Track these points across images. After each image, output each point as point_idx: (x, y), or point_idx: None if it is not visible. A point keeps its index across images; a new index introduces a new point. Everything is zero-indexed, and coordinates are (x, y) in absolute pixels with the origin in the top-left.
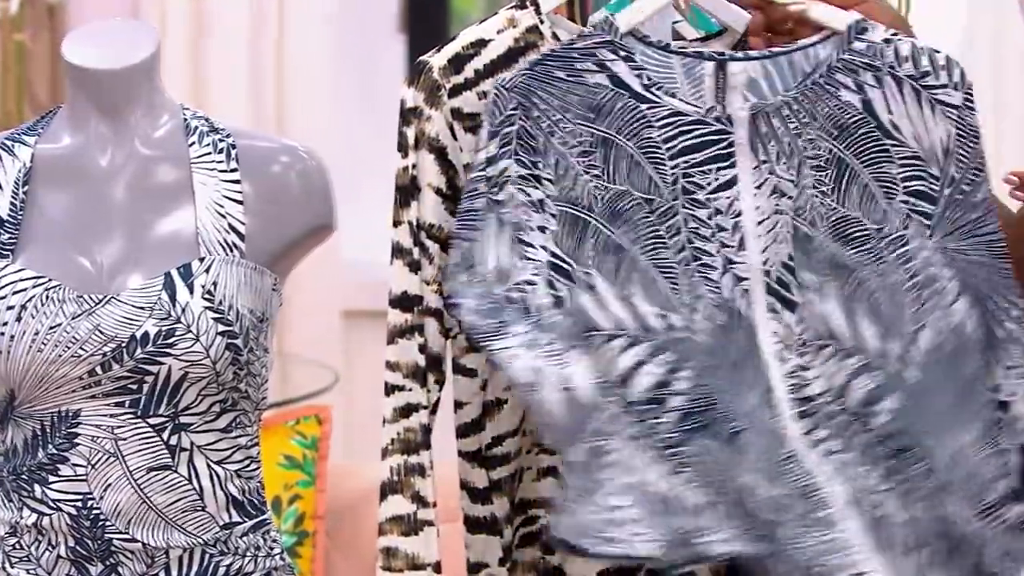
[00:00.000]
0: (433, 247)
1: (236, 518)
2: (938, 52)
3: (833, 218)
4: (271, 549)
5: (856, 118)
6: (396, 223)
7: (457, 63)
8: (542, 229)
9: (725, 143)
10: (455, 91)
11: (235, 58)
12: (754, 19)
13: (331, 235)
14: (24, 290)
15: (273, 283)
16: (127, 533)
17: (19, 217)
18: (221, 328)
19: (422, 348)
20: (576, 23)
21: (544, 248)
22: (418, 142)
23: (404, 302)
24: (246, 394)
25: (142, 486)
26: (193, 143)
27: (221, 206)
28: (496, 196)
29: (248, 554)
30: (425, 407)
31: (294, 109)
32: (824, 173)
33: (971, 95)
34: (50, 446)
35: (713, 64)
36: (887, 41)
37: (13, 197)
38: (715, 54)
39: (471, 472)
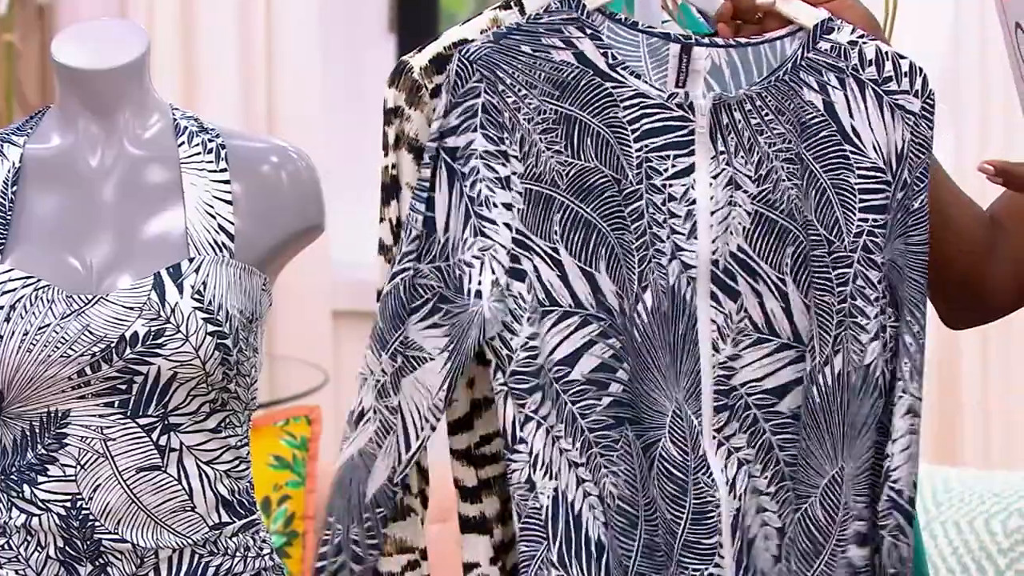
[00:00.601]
0: None
1: (226, 518)
2: (903, 58)
3: (804, 211)
4: (261, 549)
5: (818, 119)
6: (381, 220)
7: (439, 63)
8: (507, 206)
9: (686, 131)
10: (438, 91)
11: (224, 59)
12: (723, 6)
13: (320, 235)
14: (13, 290)
15: (263, 283)
16: (116, 533)
17: (8, 217)
18: (210, 328)
19: None
20: None
21: (508, 226)
22: (398, 141)
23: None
24: (236, 394)
25: (131, 486)
26: (183, 143)
27: (211, 206)
28: (462, 168)
29: (238, 554)
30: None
31: (284, 109)
32: (795, 167)
33: (931, 104)
34: (39, 446)
35: (678, 47)
36: (852, 43)
37: (2, 197)
38: (681, 36)
39: (461, 470)
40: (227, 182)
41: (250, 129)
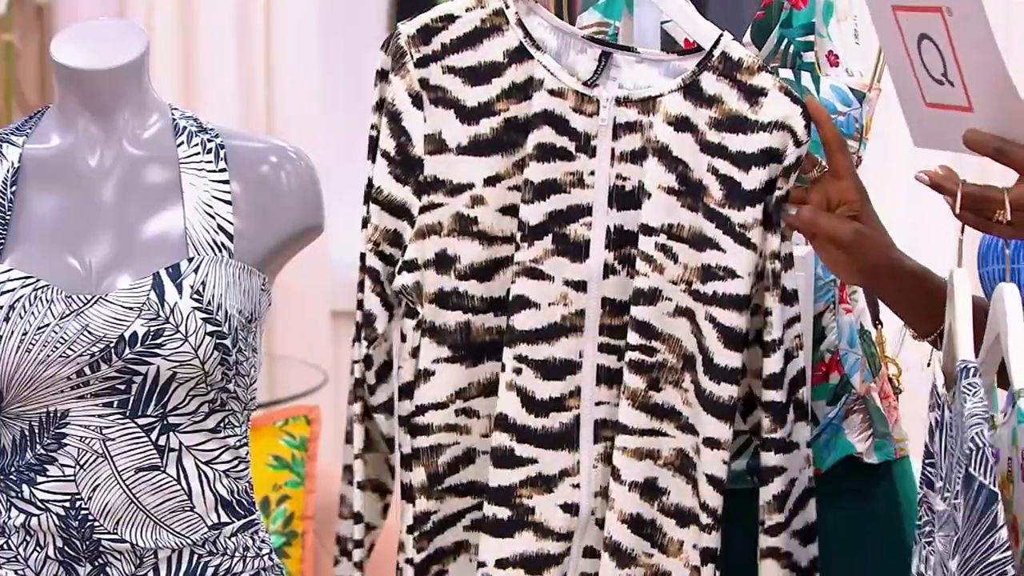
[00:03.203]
0: (373, 208)
1: (225, 518)
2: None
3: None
4: (260, 549)
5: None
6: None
7: (425, 34)
8: None
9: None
10: (423, 62)
11: (223, 59)
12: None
13: (320, 236)
14: (13, 290)
15: (262, 283)
16: (116, 533)
17: (7, 217)
18: (210, 328)
19: (360, 304)
20: (563, 19)
21: None
22: (380, 105)
23: (359, 259)
24: (235, 394)
25: (131, 486)
26: (182, 143)
27: (210, 206)
28: None
29: (237, 554)
30: (357, 361)
31: (284, 109)
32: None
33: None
34: (38, 446)
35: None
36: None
37: (1, 197)
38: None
39: (402, 437)
40: (226, 182)
41: (250, 129)
